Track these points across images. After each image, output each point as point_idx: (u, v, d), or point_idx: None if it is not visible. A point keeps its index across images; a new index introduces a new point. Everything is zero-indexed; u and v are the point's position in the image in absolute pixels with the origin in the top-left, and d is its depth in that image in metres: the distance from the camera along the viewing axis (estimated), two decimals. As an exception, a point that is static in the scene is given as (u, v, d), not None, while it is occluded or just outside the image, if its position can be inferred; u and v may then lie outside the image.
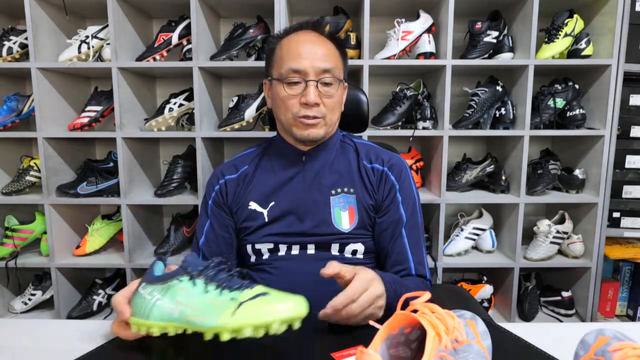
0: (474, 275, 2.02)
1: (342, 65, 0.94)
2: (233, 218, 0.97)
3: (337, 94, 0.91)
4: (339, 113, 0.96)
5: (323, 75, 0.88)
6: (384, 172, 0.96)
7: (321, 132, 0.91)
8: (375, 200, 0.95)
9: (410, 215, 0.96)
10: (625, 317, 1.88)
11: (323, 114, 0.90)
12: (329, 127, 0.93)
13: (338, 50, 0.94)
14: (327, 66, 0.88)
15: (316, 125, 0.90)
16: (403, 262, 0.93)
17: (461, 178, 1.79)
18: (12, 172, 1.84)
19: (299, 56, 0.88)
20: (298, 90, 0.88)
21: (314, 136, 0.91)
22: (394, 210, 0.94)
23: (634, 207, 1.75)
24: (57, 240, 1.73)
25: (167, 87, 1.93)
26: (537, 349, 0.63)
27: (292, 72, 0.88)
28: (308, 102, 0.87)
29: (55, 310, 1.75)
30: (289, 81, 0.88)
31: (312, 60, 0.87)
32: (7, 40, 1.66)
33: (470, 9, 1.76)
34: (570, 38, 1.67)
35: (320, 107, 0.89)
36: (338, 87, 0.91)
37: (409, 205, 0.96)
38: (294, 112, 0.89)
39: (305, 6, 1.79)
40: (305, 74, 0.87)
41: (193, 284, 0.59)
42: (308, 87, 0.87)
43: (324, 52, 0.90)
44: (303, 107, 0.88)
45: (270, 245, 0.94)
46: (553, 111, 1.71)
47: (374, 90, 1.91)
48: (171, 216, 1.89)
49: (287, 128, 0.93)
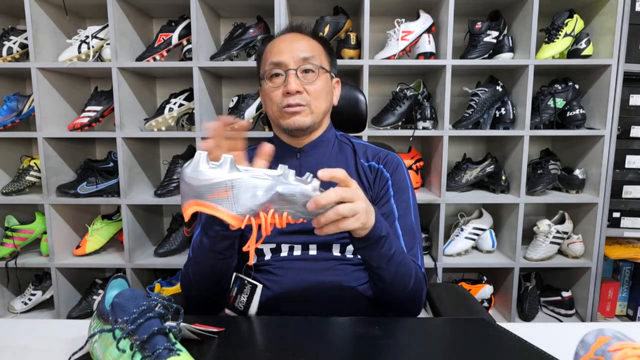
0: (474, 275, 2.02)
1: (325, 57, 0.96)
2: None
3: (319, 82, 0.92)
4: (327, 103, 0.96)
5: (303, 64, 0.90)
6: (380, 169, 0.96)
7: (307, 120, 0.91)
8: (371, 197, 0.95)
9: (404, 210, 0.94)
10: (625, 317, 1.88)
11: (307, 102, 0.90)
12: (315, 115, 0.92)
13: (322, 46, 0.96)
14: (306, 55, 0.90)
15: (300, 112, 0.90)
16: None
17: (461, 178, 1.79)
18: (12, 172, 1.84)
19: (279, 51, 0.91)
20: (280, 82, 0.90)
21: (299, 124, 0.90)
22: (385, 203, 0.94)
23: (634, 207, 1.75)
24: (57, 240, 1.73)
25: (167, 87, 1.93)
26: (537, 349, 0.63)
27: (274, 65, 0.90)
28: (289, 91, 0.88)
29: (55, 310, 1.75)
30: (270, 74, 0.91)
31: (292, 52, 0.90)
32: (7, 40, 1.66)
33: (470, 9, 1.76)
34: (570, 38, 1.67)
35: (304, 95, 0.90)
36: (319, 74, 0.91)
37: (402, 200, 0.95)
38: (278, 103, 0.90)
39: (305, 6, 1.79)
40: (286, 65, 0.89)
41: (113, 337, 0.55)
42: (288, 76, 0.89)
43: (304, 44, 0.92)
44: (286, 97, 0.89)
45: (273, 246, 0.93)
46: (553, 111, 1.71)
47: (374, 90, 1.91)
48: (171, 216, 1.90)
49: (276, 121, 0.94)
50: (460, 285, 1.23)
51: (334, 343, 0.66)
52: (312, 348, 0.65)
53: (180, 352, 0.52)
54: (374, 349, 0.64)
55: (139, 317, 0.54)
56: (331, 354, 0.64)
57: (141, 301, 0.56)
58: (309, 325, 0.62)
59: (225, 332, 0.68)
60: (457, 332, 0.73)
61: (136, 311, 0.54)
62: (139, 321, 0.54)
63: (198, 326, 0.65)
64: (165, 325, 0.56)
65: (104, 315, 0.58)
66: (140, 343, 0.52)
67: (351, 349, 0.65)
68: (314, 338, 0.67)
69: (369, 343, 0.65)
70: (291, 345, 0.65)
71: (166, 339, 0.54)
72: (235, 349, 0.64)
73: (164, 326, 0.55)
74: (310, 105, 0.91)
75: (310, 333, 0.68)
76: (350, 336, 0.67)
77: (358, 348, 0.65)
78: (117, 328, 0.54)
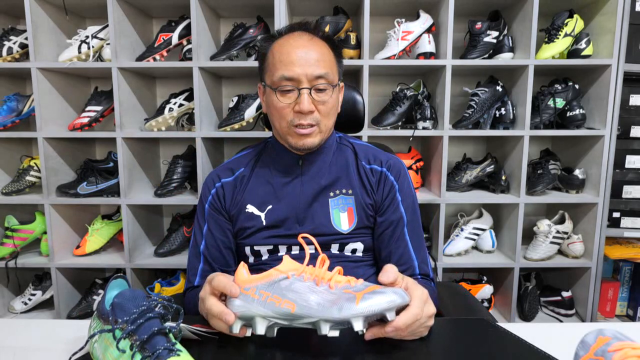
0: (474, 275, 2.03)
1: (336, 67, 0.92)
2: (231, 221, 0.97)
3: (331, 100, 0.89)
4: (334, 117, 0.94)
5: (316, 82, 0.86)
6: (383, 172, 0.96)
7: (316, 140, 0.90)
8: (375, 200, 0.95)
9: (411, 215, 0.96)
10: (625, 317, 1.88)
11: (317, 121, 0.88)
12: (324, 133, 0.91)
13: (332, 51, 0.92)
14: (321, 72, 0.85)
15: (311, 134, 0.88)
16: (407, 262, 0.93)
17: (461, 178, 1.79)
18: (12, 172, 1.84)
19: (291, 63, 0.85)
20: (292, 99, 0.86)
21: (309, 145, 0.89)
22: (394, 209, 0.94)
23: (634, 207, 1.75)
24: (57, 240, 1.73)
25: (167, 87, 1.93)
26: (537, 349, 0.63)
27: (285, 80, 0.85)
28: (302, 111, 0.85)
29: (55, 310, 1.75)
30: (281, 89, 0.86)
31: (305, 66, 0.85)
32: (7, 40, 1.66)
33: (470, 9, 1.76)
34: (570, 38, 1.67)
35: (315, 114, 0.87)
36: (332, 92, 0.89)
37: (409, 205, 0.96)
38: (288, 120, 0.87)
39: (305, 6, 1.79)
40: (299, 82, 0.85)
41: (113, 337, 0.55)
42: (301, 95, 0.85)
43: (317, 56, 0.87)
44: (297, 116, 0.87)
45: (270, 247, 0.93)
46: (553, 111, 1.71)
47: (374, 90, 1.91)
48: (171, 216, 1.90)
49: (284, 137, 0.92)
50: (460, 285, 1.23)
51: (334, 343, 0.66)
52: (312, 348, 0.65)
53: (180, 353, 0.52)
54: (374, 349, 0.64)
55: (139, 317, 0.54)
56: (331, 354, 0.64)
57: (141, 301, 0.56)
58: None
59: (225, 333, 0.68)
60: (457, 332, 0.73)
61: (136, 311, 0.54)
62: (139, 321, 0.54)
63: (198, 326, 0.65)
64: (165, 325, 0.56)
65: (104, 315, 0.58)
66: (140, 343, 0.52)
67: (351, 349, 0.65)
68: (314, 338, 0.67)
69: (370, 343, 0.65)
70: (291, 345, 0.65)
71: (166, 340, 0.54)
72: (235, 349, 0.64)
73: (164, 326, 0.55)
74: (319, 125, 0.89)
75: (310, 333, 0.68)
76: (351, 336, 0.67)
77: (358, 348, 0.65)
78: (117, 328, 0.54)
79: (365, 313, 0.57)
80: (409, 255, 0.94)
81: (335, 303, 0.58)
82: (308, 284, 0.61)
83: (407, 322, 0.62)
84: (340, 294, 0.60)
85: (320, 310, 0.58)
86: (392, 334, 0.62)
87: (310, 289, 0.60)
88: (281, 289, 0.61)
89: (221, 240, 0.96)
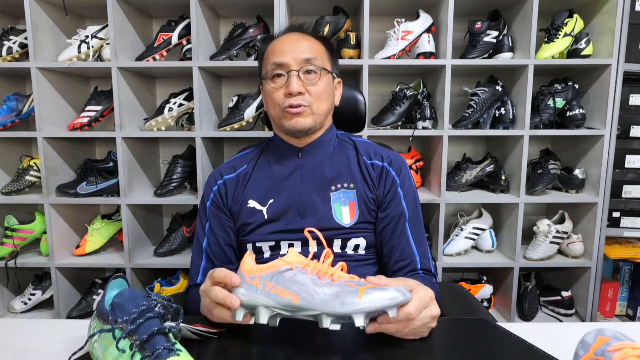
0: (474, 275, 2.03)
1: (328, 58, 0.96)
2: (233, 218, 0.97)
3: (322, 83, 0.92)
4: (329, 105, 0.96)
5: (305, 65, 0.90)
6: (384, 167, 0.97)
7: (309, 121, 0.91)
8: (377, 195, 0.95)
9: (413, 210, 0.97)
10: (625, 317, 1.88)
11: (309, 103, 0.91)
12: (317, 116, 0.93)
13: (324, 46, 0.96)
14: (309, 56, 0.90)
15: (302, 114, 0.90)
16: (408, 257, 0.94)
17: (461, 178, 1.79)
18: (12, 172, 1.84)
19: (281, 51, 0.91)
20: (282, 83, 0.90)
21: (302, 126, 0.91)
22: (397, 204, 0.95)
23: (634, 207, 1.75)
24: (57, 240, 1.73)
25: (167, 87, 1.93)
26: (537, 349, 0.63)
27: (276, 66, 0.90)
28: (291, 92, 0.88)
29: (55, 310, 1.75)
30: (272, 74, 0.91)
31: (294, 53, 0.90)
32: (7, 40, 1.66)
33: (470, 9, 1.76)
34: (570, 38, 1.67)
35: (306, 96, 0.90)
36: (322, 75, 0.92)
37: (410, 201, 0.97)
38: (280, 103, 0.91)
39: (305, 6, 1.78)
40: (288, 66, 0.90)
41: (113, 337, 0.55)
42: (290, 77, 0.89)
43: (307, 45, 0.92)
44: (288, 98, 0.90)
45: (272, 243, 0.94)
46: (553, 111, 1.71)
47: (374, 90, 1.91)
48: (171, 216, 1.89)
49: (278, 122, 0.94)
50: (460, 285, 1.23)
51: (334, 342, 0.66)
52: (312, 347, 0.65)
53: (180, 353, 0.52)
54: (374, 349, 0.64)
55: (139, 317, 0.54)
56: (331, 353, 0.64)
57: (141, 301, 0.56)
58: (309, 324, 0.62)
59: (225, 333, 0.68)
60: (457, 332, 0.73)
61: (136, 311, 0.54)
62: (139, 321, 0.54)
63: (198, 326, 0.65)
64: (165, 325, 0.56)
65: (104, 315, 0.58)
66: (140, 343, 0.52)
67: (351, 349, 0.65)
68: (314, 337, 0.67)
69: (370, 343, 0.65)
70: (291, 345, 0.65)
71: (166, 340, 0.54)
72: (235, 349, 0.64)
73: (164, 326, 0.55)
74: (312, 107, 0.91)
75: (310, 332, 0.68)
76: (351, 336, 0.67)
77: (358, 348, 0.65)
78: (117, 328, 0.54)
79: (367, 309, 0.57)
80: (410, 250, 0.94)
81: (337, 297, 0.58)
82: (311, 277, 0.61)
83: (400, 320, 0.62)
84: (344, 286, 0.60)
85: (322, 304, 0.58)
86: (393, 329, 0.63)
87: (314, 282, 0.61)
88: (285, 280, 0.61)
89: (223, 237, 0.97)
